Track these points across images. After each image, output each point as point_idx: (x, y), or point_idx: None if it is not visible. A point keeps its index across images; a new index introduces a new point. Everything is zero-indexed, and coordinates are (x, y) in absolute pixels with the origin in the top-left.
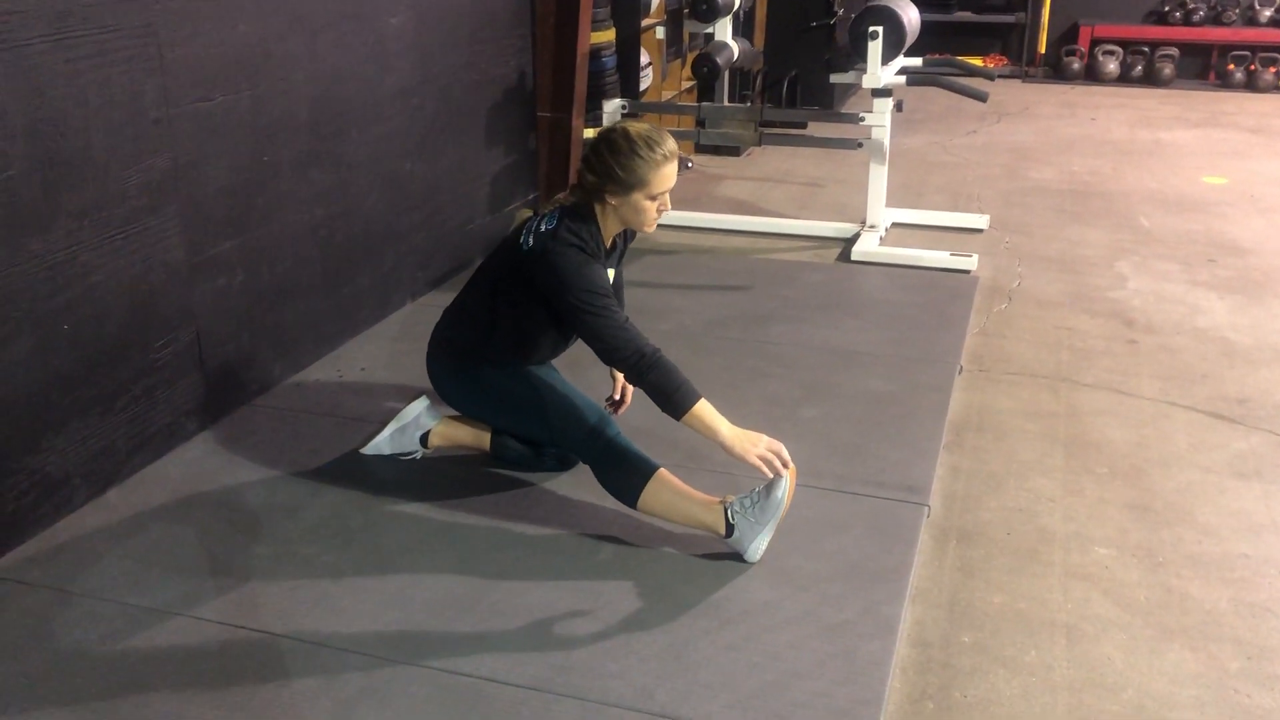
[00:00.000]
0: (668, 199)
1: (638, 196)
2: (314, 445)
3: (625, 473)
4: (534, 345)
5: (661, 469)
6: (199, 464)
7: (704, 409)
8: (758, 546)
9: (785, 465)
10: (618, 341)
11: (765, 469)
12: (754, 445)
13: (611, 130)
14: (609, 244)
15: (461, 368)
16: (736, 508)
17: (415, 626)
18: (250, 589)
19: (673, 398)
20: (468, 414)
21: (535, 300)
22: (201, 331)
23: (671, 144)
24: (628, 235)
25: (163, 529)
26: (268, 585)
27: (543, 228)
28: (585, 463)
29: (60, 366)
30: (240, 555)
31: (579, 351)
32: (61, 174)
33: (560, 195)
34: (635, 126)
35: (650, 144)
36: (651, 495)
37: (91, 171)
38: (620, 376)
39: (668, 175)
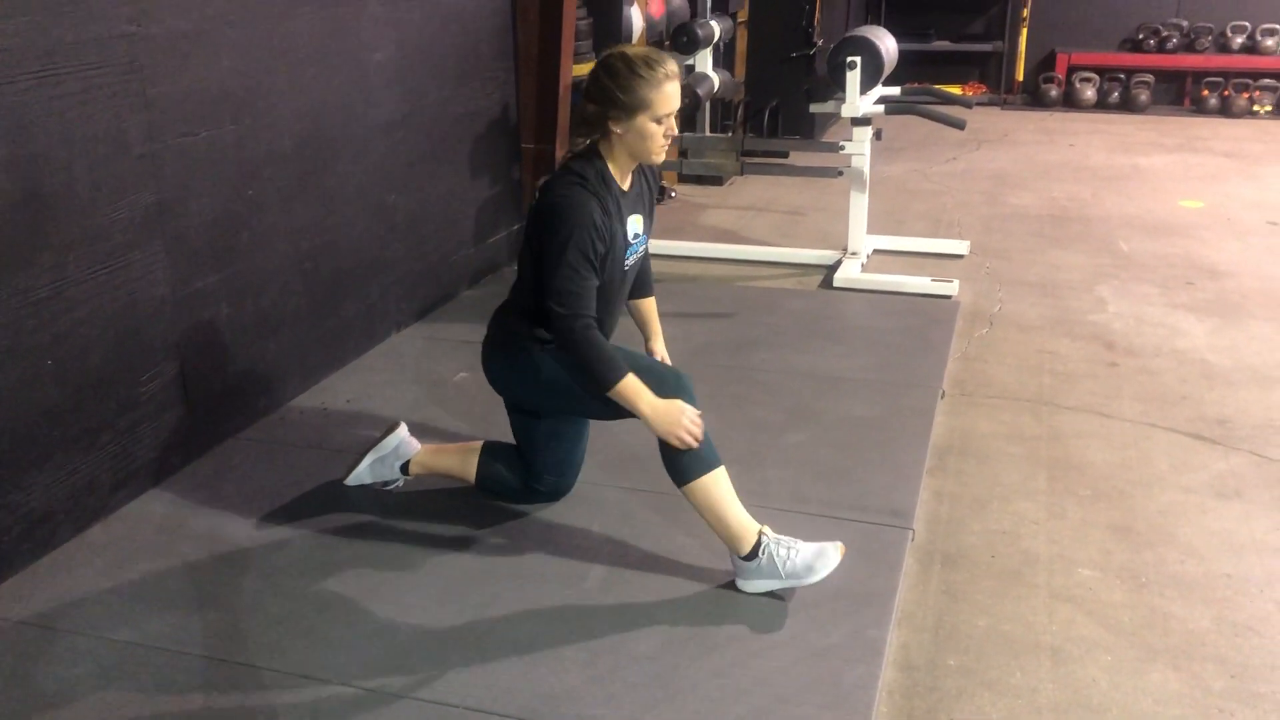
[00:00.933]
0: (673, 123)
1: (642, 119)
2: (300, 478)
3: (693, 453)
4: None
5: (723, 466)
6: (184, 498)
7: (628, 384)
8: (760, 586)
9: (697, 439)
10: (566, 296)
11: (678, 445)
12: (678, 419)
13: (609, 55)
14: (626, 184)
15: (516, 359)
16: (773, 545)
17: (402, 658)
18: (236, 622)
19: (597, 371)
20: (538, 407)
21: None
22: (186, 365)
23: (672, 64)
24: (648, 176)
25: (147, 564)
26: (254, 618)
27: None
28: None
29: (44, 401)
30: (226, 589)
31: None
32: (46, 209)
33: (569, 146)
34: (633, 49)
35: (650, 64)
36: (704, 484)
37: (76, 207)
38: (656, 349)
39: (671, 95)
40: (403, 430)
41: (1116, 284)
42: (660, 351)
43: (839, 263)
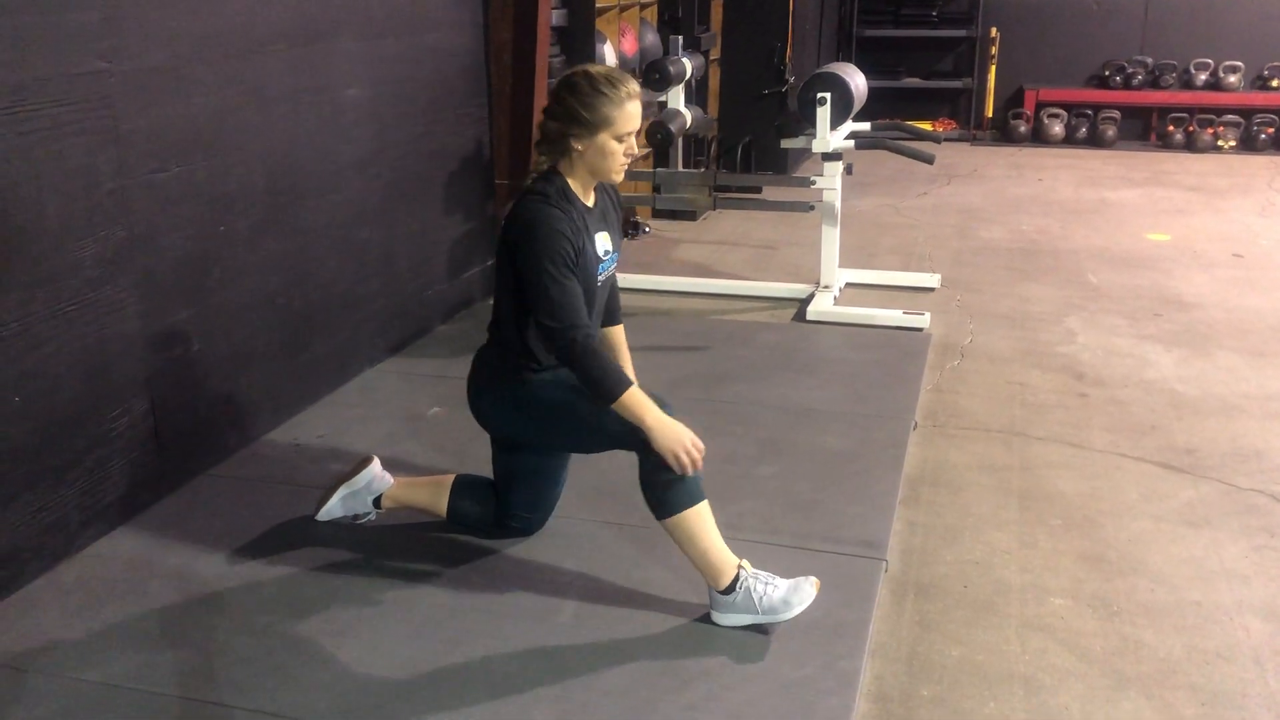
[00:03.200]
0: (634, 143)
1: (604, 137)
2: (271, 514)
3: (674, 486)
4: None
5: (706, 500)
6: (154, 536)
7: (633, 397)
8: (735, 620)
9: (696, 466)
10: (561, 310)
11: (674, 465)
12: (680, 439)
13: (571, 73)
14: (589, 201)
15: (500, 393)
16: (751, 580)
17: (373, 695)
18: (206, 661)
19: (603, 383)
20: (524, 439)
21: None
22: (156, 402)
23: (634, 84)
24: (610, 194)
25: (116, 603)
26: (224, 657)
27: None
28: (635, 454)
29: (11, 438)
30: (195, 627)
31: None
32: (13, 245)
33: (531, 166)
34: (595, 67)
35: (613, 82)
36: (685, 518)
37: (45, 242)
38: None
39: (632, 113)
40: (375, 465)
41: (1085, 316)
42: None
43: (812, 296)
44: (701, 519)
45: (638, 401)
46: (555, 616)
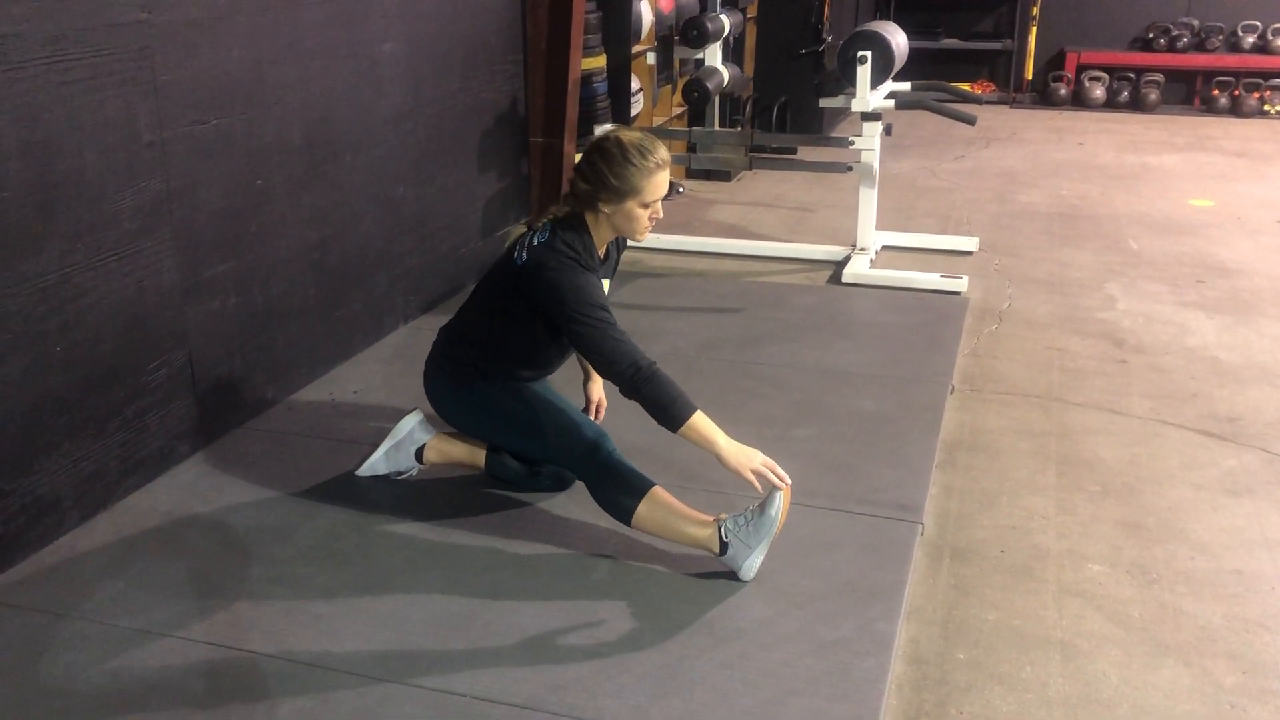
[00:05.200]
0: (659, 207)
1: (631, 204)
2: (307, 468)
3: (620, 490)
4: (530, 360)
5: (657, 487)
6: (191, 487)
7: (701, 421)
8: (751, 565)
9: (781, 480)
10: (615, 354)
11: (758, 484)
12: (750, 460)
13: (605, 138)
14: (603, 254)
15: (460, 385)
16: (730, 526)
17: (409, 646)
18: (242, 611)
19: (669, 410)
20: (466, 431)
21: (532, 315)
22: (194, 354)
23: (664, 152)
24: (620, 245)
25: (154, 552)
26: (260, 607)
27: (536, 241)
28: (581, 480)
29: (52, 388)
30: (232, 578)
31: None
32: (54, 196)
33: (553, 208)
34: (628, 134)
35: (643, 152)
36: (646, 513)
37: (85, 194)
38: (594, 391)
39: (660, 183)
40: (417, 415)
41: (1126, 282)
42: (598, 393)
43: (848, 258)
44: (657, 505)
45: (707, 427)
46: (590, 573)
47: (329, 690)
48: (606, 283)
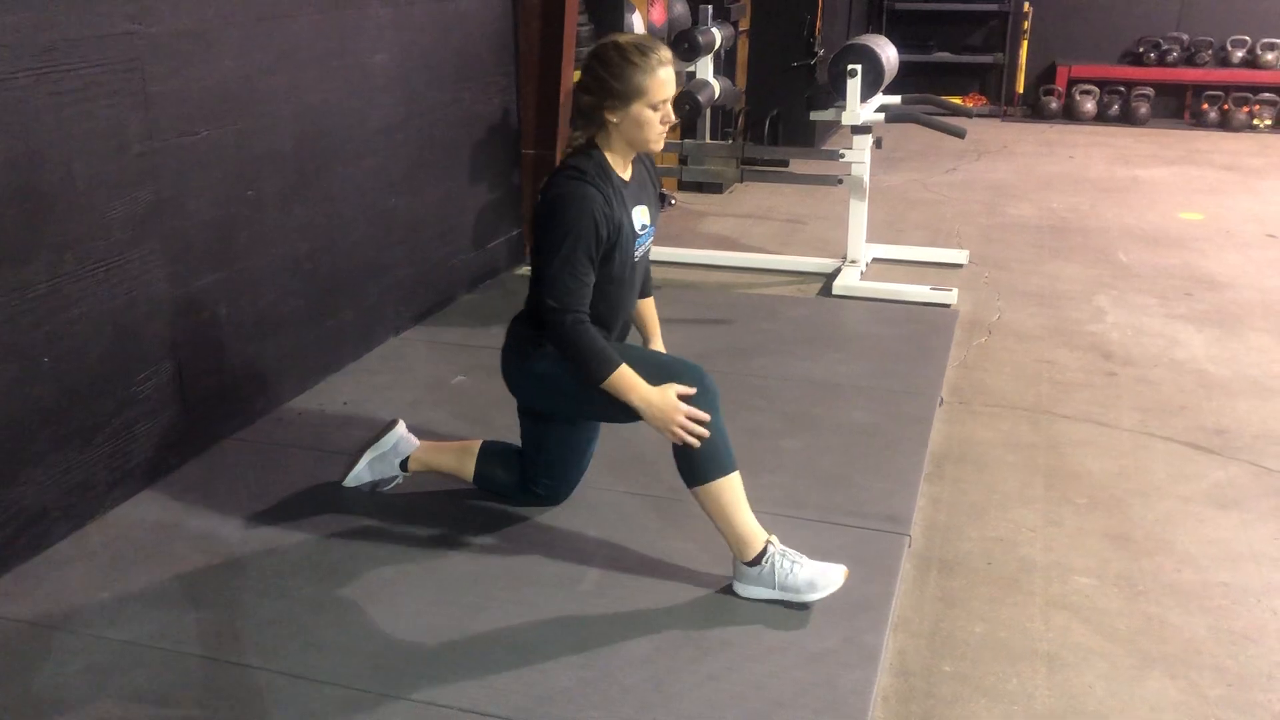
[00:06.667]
0: (669, 110)
1: (638, 107)
2: (295, 479)
3: (708, 456)
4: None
5: (739, 471)
6: (179, 499)
7: (622, 376)
8: (754, 594)
9: (700, 435)
10: (558, 291)
11: (690, 439)
12: (670, 418)
13: (601, 45)
14: (627, 175)
15: (525, 360)
16: (778, 556)
17: (396, 658)
18: (230, 622)
19: (589, 364)
20: (547, 410)
21: None
22: (183, 365)
23: (665, 50)
24: (648, 166)
25: (142, 564)
26: (248, 618)
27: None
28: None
29: (40, 399)
30: (220, 590)
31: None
32: (43, 206)
33: (569, 140)
34: (625, 36)
35: (643, 50)
36: (718, 489)
37: (74, 204)
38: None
39: (665, 80)
40: (401, 427)
41: (1115, 294)
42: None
43: (838, 271)
44: (731, 489)
45: (626, 383)
46: (578, 584)
47: (316, 702)
48: (644, 209)
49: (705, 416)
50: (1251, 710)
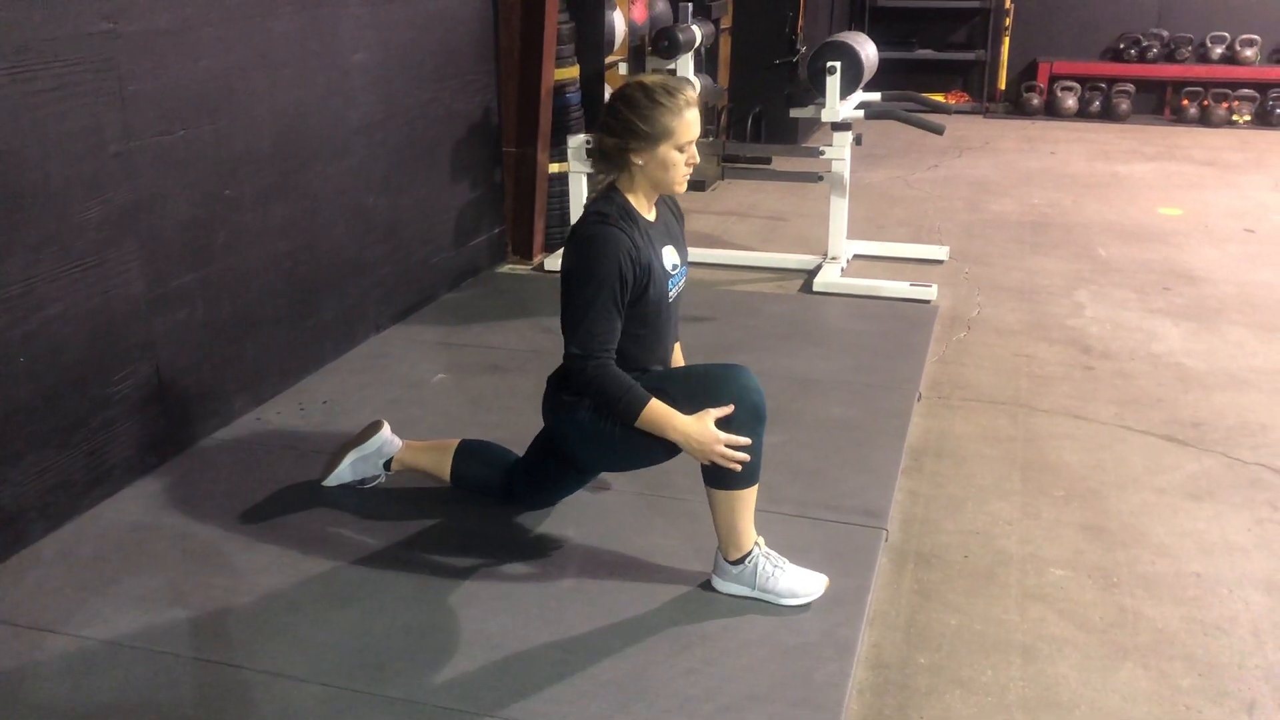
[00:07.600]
0: (694, 150)
1: (665, 148)
2: (275, 478)
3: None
4: (623, 357)
5: (758, 485)
6: (158, 498)
7: (655, 409)
8: (731, 590)
9: (740, 459)
10: (586, 338)
11: (731, 464)
12: (709, 449)
13: (627, 86)
14: (651, 216)
15: (570, 414)
16: (761, 558)
17: (374, 656)
18: (210, 622)
19: (621, 402)
20: (594, 466)
21: None
22: (161, 364)
23: (691, 91)
24: (671, 207)
25: (120, 563)
26: (227, 617)
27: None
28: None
29: (16, 399)
30: (200, 588)
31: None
32: (19, 206)
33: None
34: (649, 78)
35: (670, 91)
36: (736, 497)
37: (49, 204)
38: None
39: (692, 121)
40: (386, 429)
41: (1094, 289)
42: None
43: (819, 267)
44: (747, 499)
45: (659, 416)
46: (557, 581)
47: (295, 700)
48: (672, 249)
49: (745, 441)
50: (1222, 700)
